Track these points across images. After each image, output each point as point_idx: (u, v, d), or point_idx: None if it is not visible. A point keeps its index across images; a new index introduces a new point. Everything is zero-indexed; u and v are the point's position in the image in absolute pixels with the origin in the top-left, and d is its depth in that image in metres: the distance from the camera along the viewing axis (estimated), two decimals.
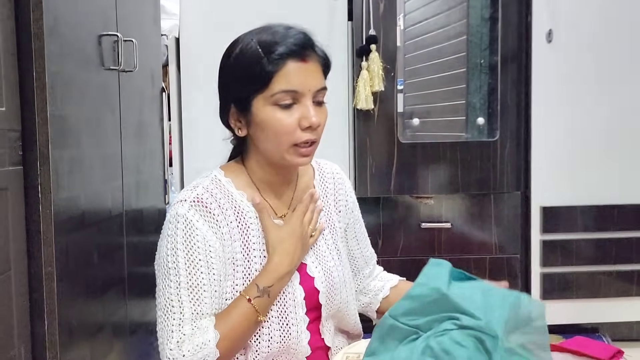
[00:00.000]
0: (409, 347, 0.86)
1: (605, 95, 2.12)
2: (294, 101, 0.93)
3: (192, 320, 0.90)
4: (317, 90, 0.94)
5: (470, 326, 0.83)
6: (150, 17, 1.86)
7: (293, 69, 0.92)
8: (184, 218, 0.92)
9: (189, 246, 0.92)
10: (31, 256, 1.14)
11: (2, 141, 1.06)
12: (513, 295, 0.88)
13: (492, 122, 2.24)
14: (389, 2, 2.11)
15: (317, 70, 0.95)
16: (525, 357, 0.85)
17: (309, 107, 0.92)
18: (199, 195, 0.95)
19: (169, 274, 0.92)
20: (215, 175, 1.00)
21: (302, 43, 0.93)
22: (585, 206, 2.12)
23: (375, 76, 2.05)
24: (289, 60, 0.91)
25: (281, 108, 0.92)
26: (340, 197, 1.12)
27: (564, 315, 2.16)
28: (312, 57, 0.94)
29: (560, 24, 2.08)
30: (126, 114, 1.60)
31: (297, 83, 0.92)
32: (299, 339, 0.98)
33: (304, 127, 0.92)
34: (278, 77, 0.91)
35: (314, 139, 0.94)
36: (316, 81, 0.94)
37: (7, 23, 1.09)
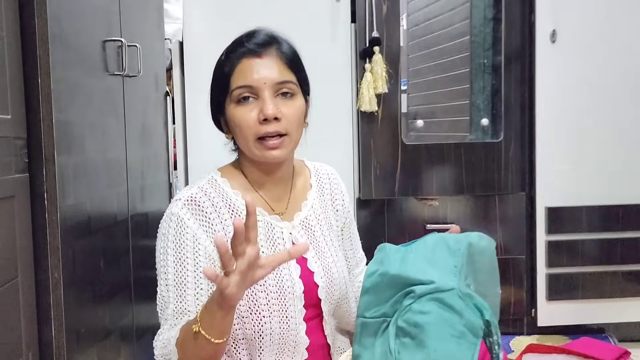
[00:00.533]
0: (384, 338, 0.91)
1: (610, 96, 2.11)
2: (253, 96, 0.96)
3: (174, 317, 0.94)
4: (276, 82, 0.96)
5: (426, 292, 0.89)
6: (154, 21, 1.87)
7: (247, 65, 0.96)
8: (176, 216, 0.96)
9: (178, 244, 0.95)
10: (38, 263, 1.14)
11: (8, 149, 1.07)
12: (463, 242, 0.94)
13: (496, 123, 2.23)
14: (392, 4, 2.11)
15: (275, 64, 0.97)
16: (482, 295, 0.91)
17: (265, 100, 0.95)
18: (193, 195, 0.98)
19: (160, 272, 0.97)
20: (212, 176, 1.04)
21: (260, 41, 0.98)
22: (591, 206, 2.11)
23: (378, 78, 2.05)
24: (243, 58, 0.97)
25: (241, 104, 0.96)
26: (336, 197, 1.15)
27: (570, 316, 2.16)
28: (269, 53, 0.97)
29: (564, 25, 2.08)
30: (130, 119, 1.60)
31: (252, 78, 0.95)
32: (297, 330, 1.00)
33: (261, 119, 0.95)
34: (234, 75, 0.97)
35: (275, 131, 0.95)
36: (273, 74, 0.96)
37: (11, 30, 1.09)
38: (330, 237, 1.09)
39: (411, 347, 0.87)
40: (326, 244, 1.07)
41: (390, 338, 0.89)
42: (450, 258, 0.92)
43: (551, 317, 2.15)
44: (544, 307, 2.15)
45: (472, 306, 0.87)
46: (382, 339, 0.92)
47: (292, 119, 0.97)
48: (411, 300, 0.89)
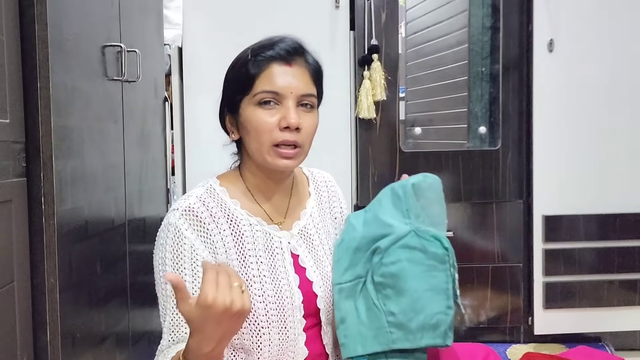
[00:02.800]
0: (364, 297, 1.00)
1: (607, 105, 2.12)
2: (276, 102, 0.95)
3: (171, 330, 0.93)
4: (302, 94, 0.96)
5: (390, 244, 0.98)
6: (153, 27, 1.87)
7: (276, 71, 0.95)
8: (173, 227, 0.94)
9: (176, 254, 0.93)
10: (34, 267, 1.14)
11: (6, 153, 1.07)
12: (407, 185, 1.03)
13: (493, 131, 2.24)
14: (391, 12, 2.12)
15: (303, 75, 0.96)
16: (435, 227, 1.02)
17: (289, 109, 0.94)
18: (191, 205, 0.96)
19: (160, 284, 0.95)
20: (210, 185, 1.02)
21: (290, 48, 0.96)
22: (588, 215, 2.12)
23: (377, 85, 2.06)
24: (273, 62, 0.95)
25: (263, 108, 0.95)
26: (334, 204, 1.14)
27: (567, 325, 2.16)
28: (298, 62, 0.96)
29: (561, 34, 2.09)
30: (129, 124, 1.60)
31: (279, 84, 0.94)
32: (296, 341, 0.99)
33: (282, 127, 0.94)
34: (261, 78, 0.95)
35: (293, 140, 0.95)
36: (301, 85, 0.95)
37: (11, 34, 1.09)
38: (329, 246, 1.09)
39: (394, 296, 0.97)
40: (324, 253, 1.07)
41: (372, 294, 0.98)
42: (400, 203, 1.01)
43: (548, 325, 2.15)
44: (541, 316, 2.15)
45: (431, 239, 0.98)
46: (362, 298, 1.00)
47: (309, 131, 0.97)
48: (380, 256, 0.98)
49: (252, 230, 0.99)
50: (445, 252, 0.98)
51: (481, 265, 2.17)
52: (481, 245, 2.18)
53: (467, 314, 1.00)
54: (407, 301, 0.97)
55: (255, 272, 0.97)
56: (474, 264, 2.16)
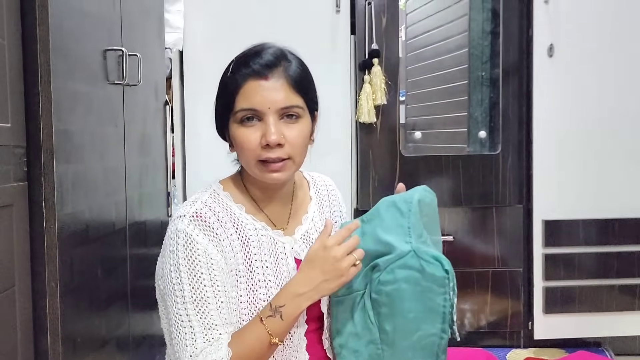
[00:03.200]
0: (361, 312, 0.99)
1: (606, 110, 2.13)
2: (257, 118, 0.94)
3: (203, 333, 0.91)
4: (282, 107, 0.94)
5: (389, 262, 0.96)
6: (154, 31, 1.87)
7: (252, 87, 0.93)
8: (184, 233, 0.93)
9: (191, 260, 0.92)
10: (35, 271, 1.14)
11: (7, 157, 1.07)
12: (412, 202, 0.99)
13: (494, 136, 2.25)
14: (391, 16, 2.13)
15: (280, 88, 0.94)
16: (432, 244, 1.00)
17: (269, 125, 0.92)
18: (198, 210, 0.95)
19: (174, 290, 0.92)
20: (214, 190, 1.01)
21: (266, 62, 0.94)
22: (587, 220, 2.12)
23: (377, 90, 2.06)
24: (249, 79, 0.93)
25: (244, 125, 0.94)
26: (335, 208, 1.15)
27: (567, 330, 2.16)
28: (275, 75, 0.94)
29: (561, 39, 2.10)
30: (130, 128, 1.60)
31: (256, 101, 0.93)
32: (298, 345, 1.00)
33: (262, 144, 0.93)
34: (239, 96, 0.94)
35: (276, 157, 0.94)
36: (278, 98, 0.93)
37: (13, 38, 1.09)
38: None
39: (388, 315, 0.97)
40: None
41: (369, 310, 0.98)
42: (402, 219, 0.98)
43: (548, 330, 2.15)
44: (541, 320, 2.15)
45: (431, 260, 0.95)
46: (359, 312, 0.99)
47: (296, 142, 0.95)
48: (378, 273, 0.97)
49: (257, 235, 0.99)
50: (445, 275, 0.95)
51: (481, 270, 2.17)
52: (481, 249, 2.18)
53: (459, 338, 0.98)
54: (400, 321, 0.96)
55: (260, 277, 0.97)
56: (474, 269, 2.16)
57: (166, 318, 0.97)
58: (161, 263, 0.98)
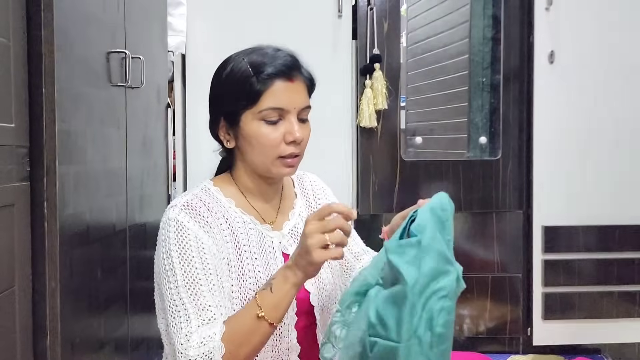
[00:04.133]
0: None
1: (607, 117, 2.13)
2: (280, 117, 0.99)
3: (197, 314, 0.92)
4: (302, 108, 1.01)
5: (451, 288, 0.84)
6: (157, 34, 1.88)
7: (280, 88, 0.98)
8: (174, 221, 0.96)
9: (181, 245, 0.95)
10: (35, 272, 1.14)
11: (10, 157, 1.07)
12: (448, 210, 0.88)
13: (494, 141, 2.25)
14: (393, 21, 2.14)
15: (302, 90, 1.01)
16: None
17: (293, 123, 0.99)
18: (189, 201, 1.00)
19: (168, 277, 0.95)
20: (205, 185, 1.06)
21: (290, 64, 1.00)
22: (587, 226, 2.13)
23: (378, 94, 2.07)
24: (277, 79, 0.98)
25: (268, 123, 0.99)
26: (320, 201, 1.17)
27: (566, 336, 2.16)
28: (298, 78, 1.01)
29: (562, 46, 2.11)
30: (132, 130, 1.61)
31: (284, 101, 0.99)
32: (289, 337, 1.01)
33: (288, 141, 0.99)
34: (266, 95, 0.98)
35: (297, 153, 1.01)
36: (301, 99, 1.01)
37: (18, 40, 1.10)
38: None
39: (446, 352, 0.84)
40: None
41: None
42: (444, 232, 0.86)
43: (547, 336, 2.15)
44: (540, 326, 2.15)
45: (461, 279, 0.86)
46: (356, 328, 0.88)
47: (306, 141, 1.03)
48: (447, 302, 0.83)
49: (246, 228, 1.03)
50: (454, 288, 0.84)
51: (481, 275, 2.17)
52: (481, 255, 2.18)
53: None
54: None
55: (250, 267, 1.00)
56: (473, 274, 2.16)
57: (162, 312, 0.99)
58: (156, 256, 1.01)
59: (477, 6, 2.34)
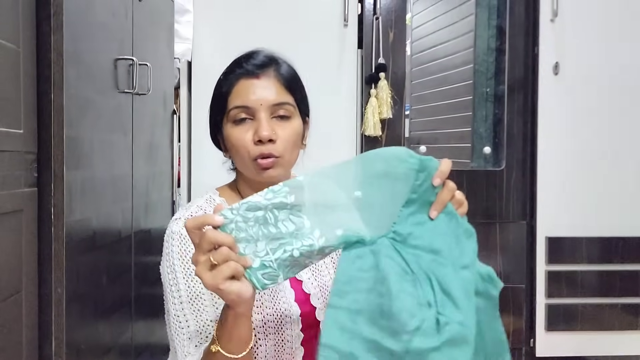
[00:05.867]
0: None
1: (611, 128, 2.14)
2: (249, 117, 0.96)
3: (198, 331, 0.91)
4: (273, 104, 0.96)
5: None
6: (164, 41, 1.90)
7: (244, 86, 0.96)
8: (178, 235, 0.94)
9: (185, 259, 0.93)
10: (42, 277, 1.14)
11: (19, 163, 1.08)
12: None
13: (498, 151, 2.26)
14: (398, 31, 2.15)
15: (272, 86, 0.97)
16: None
17: (261, 121, 0.95)
18: (193, 213, 0.98)
19: (172, 292, 0.94)
20: (210, 195, 1.04)
21: (258, 62, 0.98)
22: (591, 238, 2.12)
23: (383, 103, 2.08)
24: (241, 78, 0.97)
25: (237, 124, 0.96)
26: None
27: (569, 347, 2.15)
28: (266, 74, 0.97)
29: (566, 57, 2.11)
30: (138, 136, 1.62)
31: (248, 99, 0.95)
32: (294, 355, 0.99)
33: (255, 140, 0.95)
34: (232, 95, 0.97)
35: (268, 153, 0.94)
36: (270, 95, 0.96)
37: (28, 46, 1.11)
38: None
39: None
40: (323, 262, 1.06)
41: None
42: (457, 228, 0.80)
43: (550, 347, 2.15)
44: (543, 338, 2.14)
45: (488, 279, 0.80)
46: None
47: (287, 140, 0.97)
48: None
49: None
50: (497, 292, 0.79)
51: None
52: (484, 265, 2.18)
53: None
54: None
55: None
56: None
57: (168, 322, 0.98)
58: (161, 267, 0.99)
59: (482, 16, 2.35)
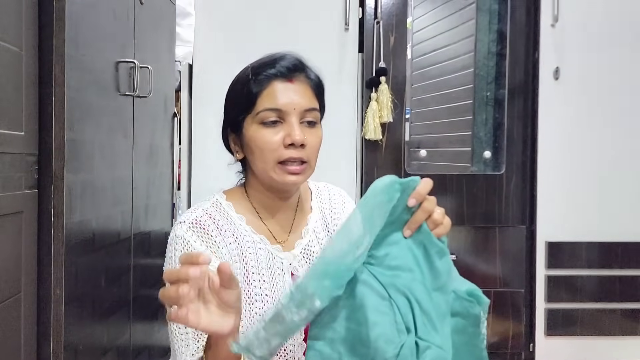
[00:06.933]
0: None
1: (611, 133, 2.14)
2: (280, 120, 0.94)
3: (196, 339, 0.89)
4: (305, 110, 0.95)
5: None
6: (165, 44, 1.90)
7: (278, 88, 0.94)
8: (181, 239, 0.93)
9: None
10: (41, 278, 1.15)
11: (20, 165, 1.08)
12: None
13: (498, 156, 2.26)
14: (399, 35, 2.16)
15: (304, 91, 0.96)
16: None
17: (293, 125, 0.93)
18: (198, 218, 0.96)
19: None
20: (217, 199, 1.01)
21: (290, 65, 0.96)
22: (591, 243, 2.12)
23: (384, 107, 2.08)
24: (274, 80, 0.94)
25: (266, 126, 0.94)
26: (336, 216, 1.10)
27: (568, 352, 2.14)
28: (299, 79, 0.96)
29: (567, 62, 2.12)
30: (139, 139, 1.62)
31: (281, 101, 0.93)
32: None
33: (286, 144, 0.93)
34: (263, 96, 0.94)
35: (298, 157, 0.93)
36: (303, 101, 0.95)
37: (30, 49, 1.12)
38: None
39: None
40: None
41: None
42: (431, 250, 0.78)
43: (549, 352, 2.14)
44: (542, 342, 2.14)
45: (468, 298, 0.78)
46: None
47: (315, 147, 0.96)
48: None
49: (255, 248, 0.98)
50: (480, 310, 0.78)
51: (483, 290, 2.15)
52: (483, 269, 2.18)
53: None
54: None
55: (257, 291, 0.96)
56: None
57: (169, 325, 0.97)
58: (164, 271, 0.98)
59: (483, 21, 2.36)
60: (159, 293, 0.69)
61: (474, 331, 0.78)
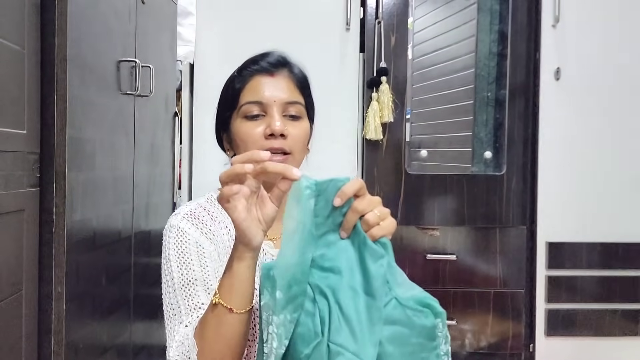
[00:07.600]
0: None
1: (612, 134, 2.14)
2: (262, 113, 0.96)
3: (189, 314, 0.89)
4: (286, 102, 0.97)
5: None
6: (167, 43, 1.91)
7: (259, 82, 0.97)
8: (176, 228, 0.95)
9: (180, 250, 0.93)
10: (42, 276, 1.15)
11: (22, 163, 1.09)
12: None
13: (498, 156, 2.26)
14: (400, 35, 2.16)
15: (286, 85, 0.98)
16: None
17: (274, 116, 0.95)
18: (192, 209, 0.98)
19: (166, 281, 0.94)
20: (211, 195, 1.04)
21: (274, 61, 0.99)
22: (591, 243, 2.12)
23: (384, 107, 2.08)
24: (257, 75, 0.97)
25: (249, 119, 0.96)
26: None
27: (568, 353, 2.14)
28: (282, 73, 0.98)
29: (568, 63, 2.12)
30: (140, 138, 1.62)
31: (262, 95, 0.96)
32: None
33: (267, 134, 0.95)
34: (245, 90, 0.97)
35: (279, 147, 0.94)
36: (284, 94, 0.97)
37: (32, 48, 1.12)
38: None
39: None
40: None
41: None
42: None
43: (549, 353, 2.14)
44: (542, 343, 2.14)
45: (418, 307, 0.73)
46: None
47: (298, 139, 0.97)
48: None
49: None
50: (434, 321, 0.72)
51: (483, 290, 2.17)
52: (483, 269, 2.18)
53: None
54: None
55: None
56: (476, 289, 2.16)
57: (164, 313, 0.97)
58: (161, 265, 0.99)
59: (484, 21, 2.36)
60: (219, 176, 0.76)
61: (422, 343, 0.72)
